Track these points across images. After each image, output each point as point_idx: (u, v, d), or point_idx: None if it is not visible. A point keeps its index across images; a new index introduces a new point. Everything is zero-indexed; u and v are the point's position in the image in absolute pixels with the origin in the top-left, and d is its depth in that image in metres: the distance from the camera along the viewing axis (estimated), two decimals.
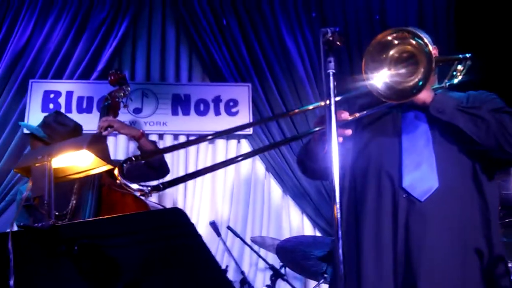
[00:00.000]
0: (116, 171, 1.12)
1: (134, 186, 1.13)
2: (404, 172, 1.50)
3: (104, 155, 1.18)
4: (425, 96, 1.50)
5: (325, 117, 1.45)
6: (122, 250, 1.15)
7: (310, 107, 1.79)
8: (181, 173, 3.79)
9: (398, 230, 1.45)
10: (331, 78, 1.29)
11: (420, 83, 1.42)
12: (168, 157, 3.93)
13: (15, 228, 1.13)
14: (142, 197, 1.83)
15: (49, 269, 1.19)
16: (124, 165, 1.21)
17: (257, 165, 3.92)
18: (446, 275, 1.41)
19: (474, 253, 1.44)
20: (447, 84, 1.63)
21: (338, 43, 1.27)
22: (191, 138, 3.91)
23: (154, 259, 1.14)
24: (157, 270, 1.16)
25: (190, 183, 3.85)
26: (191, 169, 3.86)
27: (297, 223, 3.83)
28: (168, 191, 3.76)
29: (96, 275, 1.19)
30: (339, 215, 1.17)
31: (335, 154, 1.21)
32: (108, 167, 1.22)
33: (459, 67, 1.62)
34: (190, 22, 4.02)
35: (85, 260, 1.16)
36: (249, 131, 3.86)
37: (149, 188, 1.10)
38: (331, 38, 1.25)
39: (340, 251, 1.13)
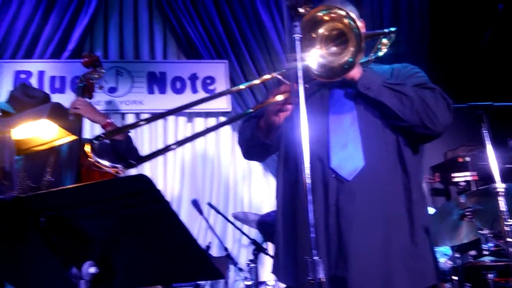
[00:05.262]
0: (87, 148, 1.09)
1: (107, 163, 1.09)
2: (331, 153, 1.52)
3: (67, 125, 1.14)
4: (354, 72, 1.51)
5: (287, 85, 1.45)
6: (89, 220, 1.12)
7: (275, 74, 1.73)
8: (160, 156, 3.75)
9: (330, 209, 1.47)
10: (298, 42, 1.28)
11: (351, 60, 1.43)
12: (146, 139, 3.93)
13: None
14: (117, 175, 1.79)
15: (17, 243, 1.16)
16: (95, 141, 1.17)
17: (236, 142, 3.91)
18: (371, 252, 1.44)
19: (397, 228, 1.47)
20: (372, 57, 1.64)
21: (302, 10, 1.26)
22: (169, 117, 3.87)
23: (122, 228, 1.12)
24: (126, 239, 1.15)
25: (170, 162, 3.82)
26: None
27: None
28: (147, 171, 3.72)
29: (64, 248, 1.16)
30: (308, 181, 1.16)
31: (303, 118, 1.20)
32: (72, 137, 1.18)
33: (384, 40, 1.63)
34: None
35: (53, 233, 1.13)
36: (228, 108, 3.83)
37: (123, 165, 1.08)
38: (295, 3, 1.24)
39: (311, 215, 1.13)
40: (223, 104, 3.83)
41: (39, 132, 1.18)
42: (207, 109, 3.86)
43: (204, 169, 3.85)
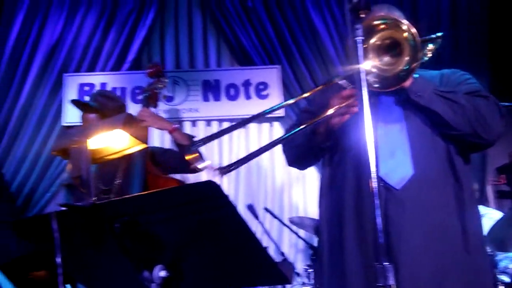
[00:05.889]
0: (187, 157, 1.14)
1: (206, 165, 1.15)
2: (379, 161, 1.48)
3: (139, 135, 1.20)
4: (407, 81, 1.47)
5: (350, 90, 1.44)
6: (160, 225, 1.17)
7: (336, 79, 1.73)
8: (216, 159, 3.83)
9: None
10: (359, 45, 1.26)
11: (406, 68, 1.40)
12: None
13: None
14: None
15: (93, 247, 1.23)
16: (192, 148, 1.22)
17: None
18: (423, 262, 1.40)
19: (449, 238, 1.44)
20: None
21: (363, 14, 1.25)
22: (224, 123, 3.94)
23: (192, 233, 1.15)
24: (195, 244, 1.18)
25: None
26: (225, 155, 3.89)
27: None
28: (204, 178, 3.80)
29: (137, 252, 1.21)
30: (375, 185, 1.15)
31: (368, 122, 1.18)
32: (142, 146, 1.24)
33: (430, 46, 1.58)
34: (216, 7, 4.02)
35: (126, 237, 1.18)
36: (281, 113, 3.84)
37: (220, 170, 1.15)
38: (357, 5, 1.23)
39: (379, 219, 1.11)
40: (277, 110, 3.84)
41: (112, 142, 1.25)
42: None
43: (259, 174, 3.88)
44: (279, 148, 4.01)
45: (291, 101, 2.06)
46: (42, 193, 3.71)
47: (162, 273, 1.21)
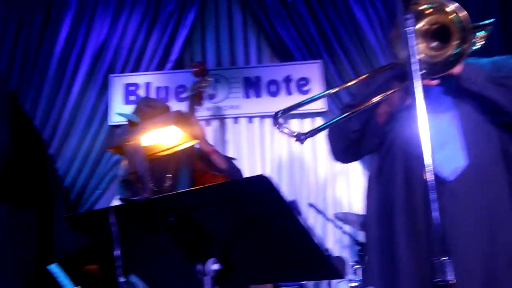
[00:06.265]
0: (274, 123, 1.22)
1: (289, 131, 1.20)
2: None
3: (190, 130, 1.22)
4: (456, 67, 1.40)
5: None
6: (213, 220, 1.19)
7: (383, 67, 1.69)
8: (258, 156, 3.85)
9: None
10: (410, 36, 1.23)
11: (457, 53, 1.35)
12: (244, 140, 4.05)
13: (117, 203, 1.21)
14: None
15: (148, 240, 1.26)
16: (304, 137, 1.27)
17: None
18: (477, 254, 1.37)
19: (503, 229, 1.39)
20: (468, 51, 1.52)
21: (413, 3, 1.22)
22: (266, 119, 3.95)
23: (244, 227, 1.17)
24: (247, 237, 1.19)
25: (267, 163, 3.89)
26: (268, 150, 3.90)
27: None
28: (246, 173, 3.83)
29: (190, 245, 1.24)
30: (430, 178, 1.12)
31: (421, 113, 1.16)
32: (194, 141, 1.26)
33: (481, 33, 1.50)
34: (255, 4, 4.03)
35: (180, 231, 1.21)
36: (324, 108, 3.80)
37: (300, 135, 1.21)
38: None
39: (437, 213, 1.08)
40: (319, 104, 3.81)
41: (164, 138, 1.28)
42: (303, 110, 3.86)
43: (301, 169, 3.87)
44: (321, 143, 3.98)
45: (335, 89, 2.01)
46: (92, 190, 3.85)
47: (215, 266, 1.23)
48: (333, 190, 3.80)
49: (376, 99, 1.45)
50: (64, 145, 3.93)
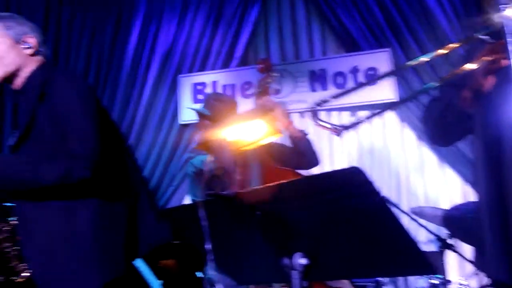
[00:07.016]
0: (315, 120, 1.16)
1: (328, 125, 1.17)
2: None
3: (274, 124, 1.22)
4: None
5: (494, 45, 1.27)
6: (300, 213, 1.17)
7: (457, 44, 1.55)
8: (326, 150, 3.79)
9: None
10: (504, 13, 1.13)
11: None
12: (311, 135, 3.99)
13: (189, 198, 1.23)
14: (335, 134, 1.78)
15: (235, 234, 1.27)
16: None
17: (406, 134, 3.73)
18: None
19: None
20: None
21: None
22: (333, 112, 3.88)
23: (333, 221, 1.14)
24: (335, 232, 1.16)
25: (336, 156, 3.83)
26: (336, 144, 3.84)
27: (457, 191, 3.55)
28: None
29: (277, 239, 1.23)
30: None
31: None
32: (277, 135, 1.25)
33: None
34: None
35: (267, 225, 1.21)
36: (394, 98, 3.67)
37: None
38: None
39: None
40: (389, 93, 3.68)
41: (248, 133, 1.28)
42: (372, 101, 3.74)
43: (372, 162, 3.76)
44: (392, 133, 3.83)
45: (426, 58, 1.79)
46: (166, 186, 3.99)
47: (303, 261, 1.22)
48: (407, 183, 3.66)
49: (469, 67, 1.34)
50: (139, 143, 4.10)
